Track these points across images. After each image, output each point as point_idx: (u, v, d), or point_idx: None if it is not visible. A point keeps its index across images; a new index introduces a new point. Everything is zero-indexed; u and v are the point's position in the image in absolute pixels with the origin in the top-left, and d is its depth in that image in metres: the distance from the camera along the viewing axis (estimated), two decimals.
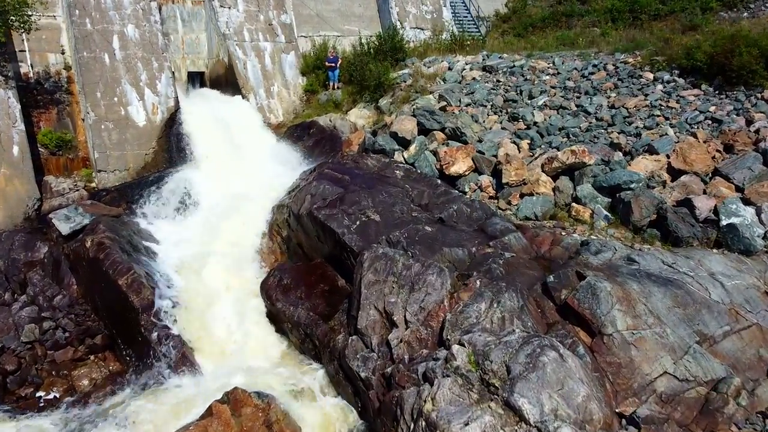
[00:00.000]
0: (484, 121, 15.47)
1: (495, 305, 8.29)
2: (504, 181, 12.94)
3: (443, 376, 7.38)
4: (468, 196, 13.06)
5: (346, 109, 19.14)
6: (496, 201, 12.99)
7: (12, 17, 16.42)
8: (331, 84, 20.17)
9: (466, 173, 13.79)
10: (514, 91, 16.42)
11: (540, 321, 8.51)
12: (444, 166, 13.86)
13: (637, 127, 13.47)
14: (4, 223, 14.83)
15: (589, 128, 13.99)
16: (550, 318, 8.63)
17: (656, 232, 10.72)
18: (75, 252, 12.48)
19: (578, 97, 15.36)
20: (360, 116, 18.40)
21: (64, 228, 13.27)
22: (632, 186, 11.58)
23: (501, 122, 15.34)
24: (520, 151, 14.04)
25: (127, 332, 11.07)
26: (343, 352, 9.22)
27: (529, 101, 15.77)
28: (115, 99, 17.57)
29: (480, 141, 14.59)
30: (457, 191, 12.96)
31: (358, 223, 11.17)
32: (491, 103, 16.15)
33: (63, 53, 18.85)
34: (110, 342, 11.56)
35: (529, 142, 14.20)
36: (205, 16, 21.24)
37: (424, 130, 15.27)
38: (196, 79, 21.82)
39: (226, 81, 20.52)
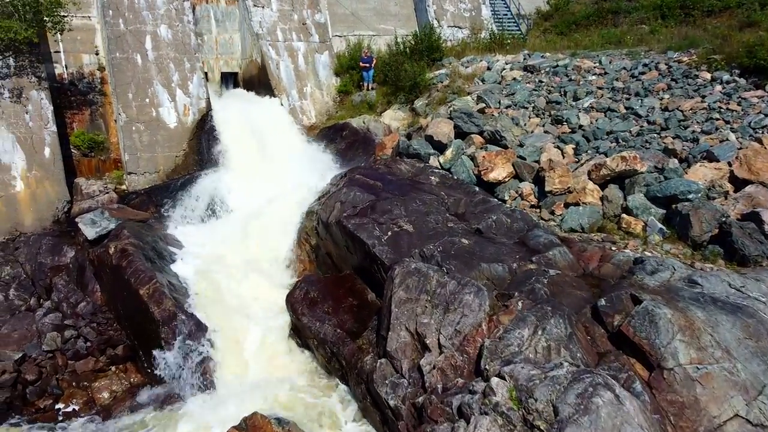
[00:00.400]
0: (525, 124, 14.48)
1: (540, 332, 7.38)
2: (547, 189, 11.96)
3: (481, 413, 6.52)
4: (508, 205, 12.13)
5: (380, 110, 18.37)
6: (538, 211, 12.02)
7: (45, 17, 16.17)
8: (365, 85, 19.43)
9: (506, 180, 12.86)
10: (558, 92, 15.37)
11: (590, 351, 7.56)
12: (482, 172, 12.96)
13: (693, 132, 12.30)
14: (33, 225, 14.56)
15: (641, 132, 12.88)
16: (601, 347, 7.68)
17: (719, 249, 9.61)
18: (99, 258, 12.03)
19: (628, 99, 14.22)
20: (394, 118, 17.60)
21: (90, 232, 12.87)
22: (690, 197, 10.47)
23: (543, 125, 14.33)
24: (564, 157, 13.03)
25: (147, 344, 10.52)
26: (371, 375, 8.44)
27: (573, 103, 14.70)
28: (147, 100, 17.20)
29: (521, 145, 13.62)
30: (495, 199, 12.05)
31: (389, 233, 10.37)
32: (533, 104, 15.14)
33: (97, 54, 18.59)
34: (132, 353, 11.05)
35: (574, 146, 13.17)
36: (238, 16, 20.76)
37: (461, 134, 14.38)
38: (229, 80, 21.37)
39: (259, 82, 19.99)
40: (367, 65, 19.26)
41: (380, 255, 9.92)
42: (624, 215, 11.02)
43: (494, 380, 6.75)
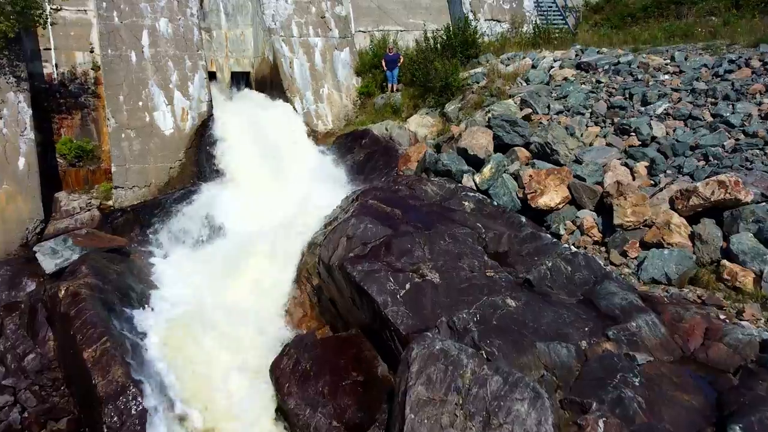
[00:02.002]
0: (582, 135, 11.39)
1: None
2: (616, 222, 8.90)
3: None
4: (564, 242, 9.11)
5: (405, 115, 15.48)
6: (604, 250, 8.96)
7: (27, 9, 13.74)
8: (390, 86, 16.55)
9: (560, 207, 9.83)
10: (621, 94, 12.21)
11: None
12: (529, 196, 9.96)
13: None
14: None
15: (737, 147, 9.67)
16: None
17: None
18: (52, 300, 9.46)
19: (714, 104, 11.00)
20: (421, 124, 14.68)
21: (49, 265, 10.36)
22: None
23: (605, 136, 11.21)
24: (635, 178, 9.93)
25: (93, 421, 7.88)
26: None
27: (642, 108, 11.53)
28: (140, 103, 14.66)
29: (578, 161, 10.58)
30: (548, 234, 9.01)
31: (408, 286, 7.48)
32: (590, 110, 12.02)
33: (92, 51, 16.18)
34: (78, 427, 8.42)
35: (647, 164, 10.06)
36: (251, 9, 18.11)
37: (502, 146, 11.40)
38: (241, 80, 18.73)
39: (272, 83, 17.31)
40: (393, 64, 16.38)
41: (393, 319, 7.04)
42: (725, 262, 7.89)
43: None
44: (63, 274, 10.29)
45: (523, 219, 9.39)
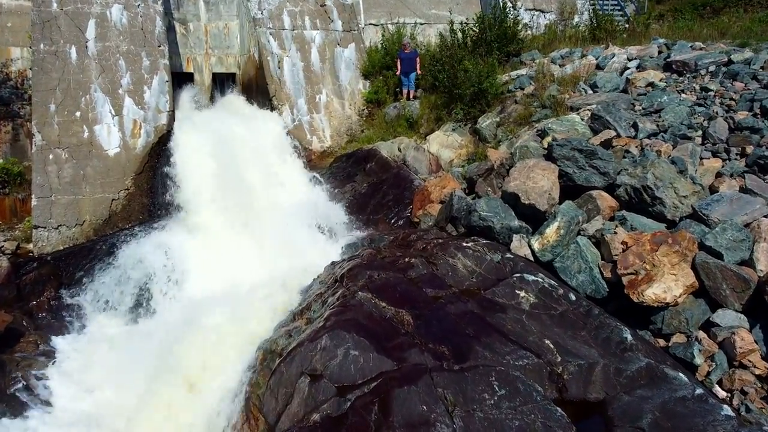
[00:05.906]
0: (695, 171, 7.09)
1: None
2: None
3: None
4: (702, 376, 4.90)
5: (424, 131, 11.33)
6: None
7: None
8: (405, 92, 12.38)
9: (680, 300, 5.59)
10: (748, 109, 7.84)
11: None
12: (626, 281, 5.74)
13: None
14: None
15: None
16: None
17: None
18: None
19: None
20: (446, 145, 10.51)
21: None
22: None
23: (733, 174, 6.90)
24: None
25: None
26: None
27: None
28: (77, 114, 10.74)
29: (698, 218, 6.31)
30: (682, 375, 4.72)
31: None
32: (701, 130, 7.71)
33: (32, 47, 12.39)
34: None
35: None
36: None
37: (570, 188, 7.16)
38: (226, 83, 14.72)
39: (257, 86, 13.28)
40: (409, 64, 12.19)
41: None
42: None
43: None
44: None
45: (628, 334, 5.14)
